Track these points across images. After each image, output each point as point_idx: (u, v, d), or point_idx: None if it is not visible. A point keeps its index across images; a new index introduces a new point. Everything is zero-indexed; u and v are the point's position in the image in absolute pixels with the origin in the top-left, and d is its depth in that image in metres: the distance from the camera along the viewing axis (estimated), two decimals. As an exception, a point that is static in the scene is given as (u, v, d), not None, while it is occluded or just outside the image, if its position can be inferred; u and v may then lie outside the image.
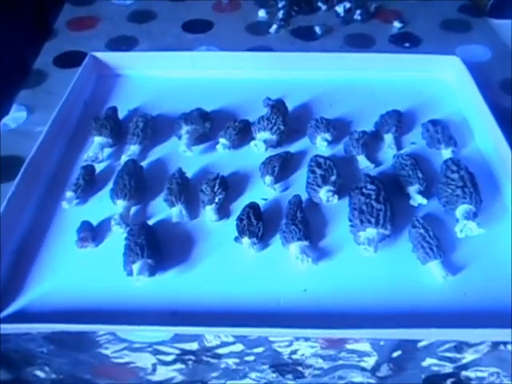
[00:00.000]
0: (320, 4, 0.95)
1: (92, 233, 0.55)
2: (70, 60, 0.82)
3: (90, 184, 0.60)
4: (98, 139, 0.64)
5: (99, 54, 0.78)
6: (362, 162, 0.63)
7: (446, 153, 0.64)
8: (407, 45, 0.87)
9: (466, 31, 0.90)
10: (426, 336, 0.48)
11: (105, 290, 0.51)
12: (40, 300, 0.51)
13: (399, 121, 0.67)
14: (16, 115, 0.73)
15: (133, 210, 0.58)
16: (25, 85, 0.78)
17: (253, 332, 0.48)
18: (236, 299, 0.51)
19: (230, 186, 0.60)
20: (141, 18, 0.94)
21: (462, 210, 0.54)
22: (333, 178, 0.57)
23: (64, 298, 0.51)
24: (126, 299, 0.50)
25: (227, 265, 0.54)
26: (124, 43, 0.87)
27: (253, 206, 0.56)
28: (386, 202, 0.53)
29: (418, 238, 0.53)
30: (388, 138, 0.66)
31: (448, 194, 0.56)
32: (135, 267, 0.49)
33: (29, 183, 0.59)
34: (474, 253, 0.54)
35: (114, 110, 0.69)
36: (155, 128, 0.68)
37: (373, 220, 0.51)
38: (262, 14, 0.93)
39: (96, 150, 0.63)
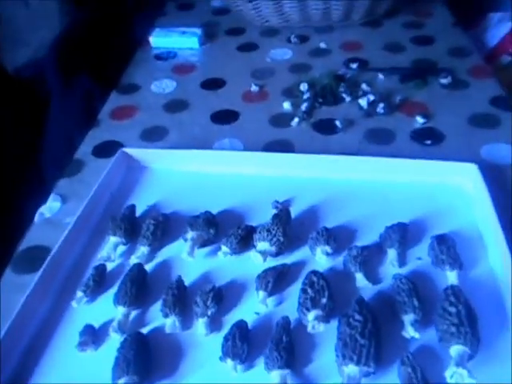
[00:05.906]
0: (344, 95, 0.97)
1: (93, 337, 0.59)
2: (105, 150, 0.89)
3: (99, 284, 0.65)
4: (112, 239, 0.69)
5: (128, 150, 0.85)
6: (360, 280, 0.62)
7: (451, 275, 0.61)
8: (428, 142, 0.85)
9: (495, 127, 0.87)
10: None
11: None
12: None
13: (403, 237, 0.65)
14: (52, 205, 0.81)
15: (133, 314, 0.62)
16: (64, 174, 0.87)
17: None
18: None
19: (226, 295, 0.62)
20: (174, 107, 1.01)
21: (455, 351, 0.51)
22: (323, 300, 0.57)
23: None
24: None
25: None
26: (156, 133, 0.94)
27: (240, 326, 0.57)
28: (371, 337, 0.52)
29: (405, 378, 0.51)
30: (391, 253, 0.65)
31: (443, 329, 0.53)
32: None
33: (47, 279, 0.65)
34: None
35: (132, 209, 0.74)
36: (166, 228, 0.72)
37: (355, 357, 0.50)
38: (286, 105, 0.97)
39: (109, 249, 0.68)
